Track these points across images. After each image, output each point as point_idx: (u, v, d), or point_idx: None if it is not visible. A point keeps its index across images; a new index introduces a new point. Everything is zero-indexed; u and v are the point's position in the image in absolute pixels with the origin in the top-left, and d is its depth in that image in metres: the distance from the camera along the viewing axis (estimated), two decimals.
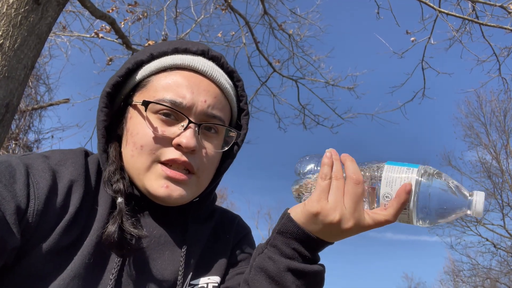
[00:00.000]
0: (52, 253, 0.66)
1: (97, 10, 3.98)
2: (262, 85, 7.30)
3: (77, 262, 0.67)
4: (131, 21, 6.13)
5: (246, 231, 0.96)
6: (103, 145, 0.77)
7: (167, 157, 0.73)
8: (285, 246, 0.69)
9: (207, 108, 0.76)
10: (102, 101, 0.77)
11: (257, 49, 6.84)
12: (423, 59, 5.94)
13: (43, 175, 0.68)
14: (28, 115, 9.06)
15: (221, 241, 0.89)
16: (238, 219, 0.98)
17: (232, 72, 0.83)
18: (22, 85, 2.28)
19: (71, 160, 0.74)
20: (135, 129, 0.75)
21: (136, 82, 0.79)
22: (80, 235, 0.70)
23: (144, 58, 0.78)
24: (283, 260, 0.68)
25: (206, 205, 0.88)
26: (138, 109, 0.76)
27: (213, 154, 0.79)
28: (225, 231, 0.91)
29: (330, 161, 0.71)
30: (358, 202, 0.67)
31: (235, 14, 6.54)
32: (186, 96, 0.74)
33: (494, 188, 14.73)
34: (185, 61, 0.78)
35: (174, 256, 0.79)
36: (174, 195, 0.73)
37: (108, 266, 0.71)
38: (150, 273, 0.75)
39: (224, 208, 0.99)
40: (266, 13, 6.77)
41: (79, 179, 0.72)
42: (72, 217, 0.69)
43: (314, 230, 0.68)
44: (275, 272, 0.68)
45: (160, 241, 0.78)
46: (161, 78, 0.77)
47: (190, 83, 0.76)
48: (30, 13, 2.26)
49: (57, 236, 0.66)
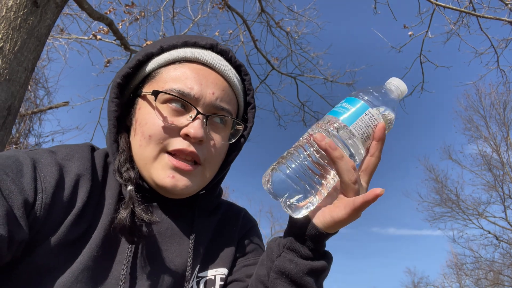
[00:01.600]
0: (61, 246, 0.66)
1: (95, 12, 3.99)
2: (261, 83, 7.31)
3: (86, 254, 0.68)
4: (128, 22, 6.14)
5: (252, 224, 0.97)
6: (114, 135, 0.78)
7: (175, 147, 0.74)
8: (304, 248, 0.68)
9: (215, 100, 0.77)
10: (113, 92, 0.78)
11: (255, 47, 6.84)
12: (421, 53, 5.95)
13: (50, 169, 0.69)
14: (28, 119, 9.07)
15: (227, 234, 0.90)
16: (244, 212, 0.98)
17: (239, 66, 0.85)
18: (23, 87, 2.28)
19: (78, 155, 0.75)
20: (143, 119, 0.76)
21: (145, 74, 0.80)
22: (88, 228, 0.70)
23: (154, 50, 0.79)
24: (304, 262, 0.67)
25: (212, 198, 0.89)
26: (147, 100, 0.78)
27: (220, 146, 0.80)
28: (232, 224, 0.92)
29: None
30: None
31: (232, 12, 6.54)
32: (194, 87, 0.75)
33: (495, 181, 14.77)
34: (194, 54, 0.79)
35: (181, 248, 0.80)
36: (179, 185, 0.74)
37: (116, 258, 0.72)
38: (159, 265, 0.76)
39: (230, 201, 1.00)
40: (263, 11, 6.77)
41: (86, 173, 0.73)
42: (80, 210, 0.69)
43: (331, 230, 0.68)
44: (297, 275, 0.66)
45: (167, 233, 0.79)
46: (171, 70, 0.78)
47: (199, 75, 0.77)
48: (29, 15, 2.26)
49: (65, 230, 0.67)
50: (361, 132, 0.66)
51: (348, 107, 0.67)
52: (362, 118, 0.66)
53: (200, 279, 0.81)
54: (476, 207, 14.91)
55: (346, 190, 0.65)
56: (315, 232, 0.67)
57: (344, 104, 0.68)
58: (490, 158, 15.05)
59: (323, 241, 0.69)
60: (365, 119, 0.66)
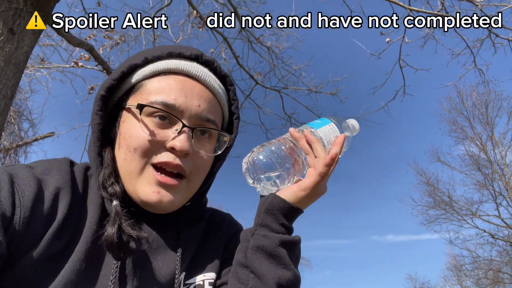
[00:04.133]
0: (43, 260, 0.65)
1: (74, 38, 4.00)
2: (246, 98, 7.35)
3: (69, 268, 0.66)
4: (109, 46, 6.16)
5: (238, 228, 0.97)
6: (98, 148, 0.76)
7: (161, 160, 0.73)
8: (275, 223, 0.74)
9: (201, 112, 0.77)
10: (97, 104, 0.77)
11: (237, 63, 6.91)
12: (400, 57, 6.08)
13: (28, 183, 0.67)
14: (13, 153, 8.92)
15: (213, 239, 0.89)
16: (229, 217, 0.98)
17: (224, 77, 0.85)
18: (3, 115, 2.26)
19: (56, 169, 0.74)
20: (128, 132, 0.75)
21: (129, 86, 0.79)
22: (70, 242, 0.69)
23: (139, 62, 0.78)
24: (276, 235, 0.72)
25: (197, 209, 0.89)
26: (132, 112, 0.77)
27: (206, 158, 0.80)
28: (217, 229, 0.92)
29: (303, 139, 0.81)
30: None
31: (212, 31, 6.62)
32: (179, 99, 0.75)
33: (485, 179, 14.94)
34: (179, 66, 0.78)
35: (169, 259, 0.79)
36: (164, 200, 0.74)
37: (101, 272, 0.70)
38: (146, 278, 0.75)
39: (214, 208, 0.99)
40: (243, 29, 6.87)
41: (66, 186, 0.72)
42: (61, 223, 0.68)
43: (299, 203, 0.76)
44: (271, 247, 0.71)
45: (153, 245, 0.78)
46: (155, 81, 0.77)
47: (184, 87, 0.77)
48: (6, 43, 2.25)
49: (47, 243, 0.66)
50: (325, 136, 0.84)
51: (318, 121, 0.88)
52: (327, 127, 0.86)
53: (189, 285, 0.80)
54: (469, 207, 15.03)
55: (317, 164, 0.76)
56: (285, 205, 0.74)
57: (316, 120, 0.89)
58: (478, 158, 15.29)
59: (292, 217, 0.76)
60: (329, 128, 0.86)
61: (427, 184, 15.94)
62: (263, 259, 0.71)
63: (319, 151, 0.77)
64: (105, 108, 0.79)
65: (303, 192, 0.75)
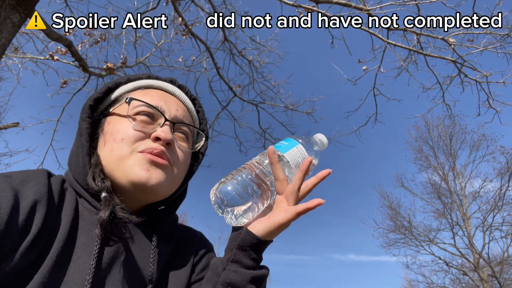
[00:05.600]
0: (13, 274, 0.64)
1: (53, 32, 3.91)
2: (223, 109, 7.37)
3: (37, 281, 0.66)
4: (88, 44, 6.04)
5: (208, 247, 0.98)
6: (87, 149, 0.80)
7: (146, 146, 0.79)
8: (246, 258, 0.76)
9: (179, 115, 0.88)
10: (85, 112, 0.83)
11: (218, 74, 6.94)
12: (374, 86, 6.30)
13: (5, 195, 0.67)
14: None
15: (182, 258, 0.90)
16: (200, 235, 1.00)
17: (194, 99, 0.97)
18: None
19: (34, 181, 0.73)
20: (115, 128, 0.82)
21: (112, 99, 0.88)
22: (40, 254, 0.68)
23: (122, 81, 0.91)
24: (247, 271, 0.74)
25: (170, 218, 0.90)
26: (117, 114, 0.85)
27: (185, 152, 0.88)
28: (187, 247, 0.93)
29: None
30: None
31: (195, 39, 6.63)
32: (160, 103, 0.86)
33: (444, 208, 15.46)
34: (157, 83, 0.92)
35: (140, 273, 0.79)
36: (153, 178, 0.78)
37: (70, 281, 0.70)
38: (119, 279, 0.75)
39: (186, 225, 1.01)
40: (227, 40, 6.93)
41: (42, 199, 0.71)
42: (35, 237, 0.67)
43: (271, 236, 0.78)
44: (241, 284, 0.73)
45: (126, 256, 0.78)
46: (136, 94, 0.88)
47: (163, 97, 0.88)
48: None
49: (19, 257, 0.65)
50: (292, 159, 0.85)
51: (285, 143, 0.88)
52: (294, 150, 0.86)
53: None
54: (427, 234, 15.48)
55: (289, 197, 0.79)
56: (256, 241, 0.76)
57: (283, 142, 0.89)
58: (439, 187, 15.81)
59: (262, 249, 0.78)
60: (296, 151, 0.86)
61: (389, 208, 16.35)
62: None
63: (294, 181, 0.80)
64: (92, 117, 0.86)
65: (275, 227, 0.76)
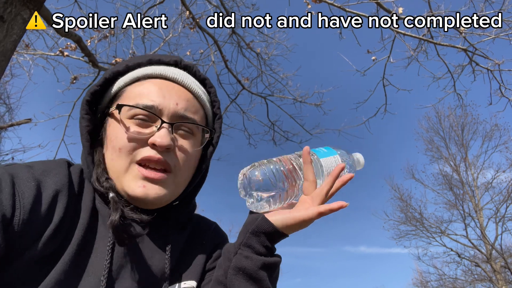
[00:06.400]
0: (36, 262, 0.66)
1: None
2: (231, 102, 7.38)
3: (59, 269, 0.68)
4: (97, 39, 6.08)
5: (223, 238, 0.99)
6: (87, 149, 0.80)
7: (143, 155, 0.76)
8: (259, 245, 0.75)
9: (179, 110, 0.81)
10: (83, 109, 0.81)
11: (226, 67, 6.94)
12: (384, 76, 6.24)
13: (28, 185, 0.69)
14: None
15: (198, 247, 0.91)
16: (215, 226, 1.00)
17: (204, 80, 0.89)
18: None
19: (55, 170, 0.75)
20: (113, 134, 0.79)
21: (113, 94, 0.84)
22: (62, 243, 0.71)
23: (120, 69, 0.84)
24: (259, 257, 0.74)
25: (186, 210, 0.90)
26: (115, 117, 0.81)
27: (189, 152, 0.82)
28: (202, 237, 0.93)
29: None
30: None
31: (203, 33, 6.63)
32: (157, 100, 0.79)
33: (455, 199, 15.32)
34: (156, 71, 0.84)
35: (157, 262, 0.81)
36: (151, 194, 0.77)
37: (90, 270, 0.72)
38: (133, 280, 0.77)
39: (201, 215, 1.01)
40: (234, 33, 6.91)
41: (63, 189, 0.73)
42: (57, 226, 0.70)
43: (287, 230, 0.77)
44: (252, 270, 0.73)
45: (142, 247, 0.80)
46: (135, 87, 0.82)
47: (162, 89, 0.81)
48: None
49: (42, 245, 0.67)
50: (327, 166, 0.86)
51: (323, 150, 0.90)
52: (331, 158, 0.88)
53: None
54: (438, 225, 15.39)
55: (316, 197, 0.79)
56: (271, 230, 0.75)
57: (322, 148, 0.91)
58: (450, 178, 15.66)
59: (276, 240, 0.77)
60: (333, 160, 0.88)
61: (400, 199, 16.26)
62: (243, 281, 0.73)
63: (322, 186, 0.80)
64: (94, 113, 0.85)
65: (294, 221, 0.75)
